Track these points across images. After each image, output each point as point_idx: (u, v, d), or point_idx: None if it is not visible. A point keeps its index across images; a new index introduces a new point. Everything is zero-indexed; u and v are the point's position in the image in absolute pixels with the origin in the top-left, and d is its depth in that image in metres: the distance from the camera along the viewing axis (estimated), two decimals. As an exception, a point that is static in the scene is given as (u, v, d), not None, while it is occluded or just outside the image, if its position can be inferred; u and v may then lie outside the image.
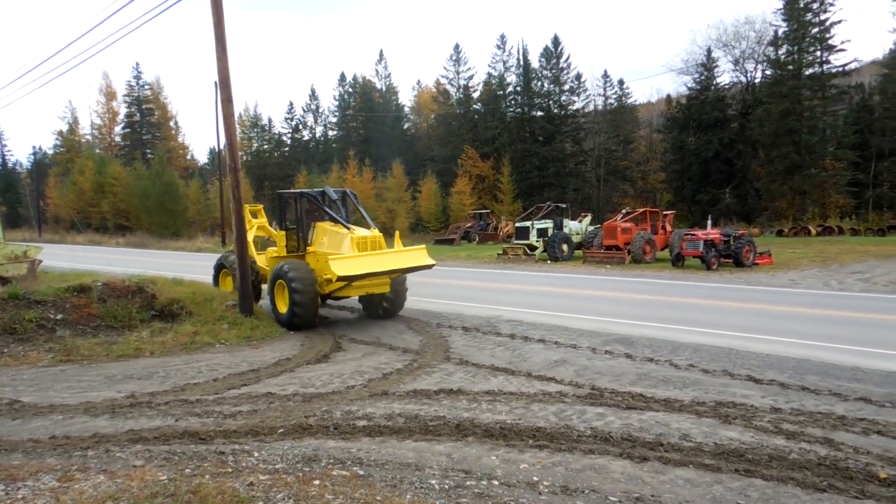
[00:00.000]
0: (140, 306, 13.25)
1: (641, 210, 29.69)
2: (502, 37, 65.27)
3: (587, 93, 62.03)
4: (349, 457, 5.94)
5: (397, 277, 13.91)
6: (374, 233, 13.43)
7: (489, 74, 65.27)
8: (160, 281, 14.67)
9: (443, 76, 70.21)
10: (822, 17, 44.80)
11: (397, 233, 15.15)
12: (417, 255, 13.59)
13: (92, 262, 27.93)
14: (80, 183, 69.82)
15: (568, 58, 58.47)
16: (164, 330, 12.34)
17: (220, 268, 16.71)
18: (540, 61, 58.96)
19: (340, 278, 12.19)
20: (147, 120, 79.36)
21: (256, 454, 6.02)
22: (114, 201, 67.21)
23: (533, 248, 30.15)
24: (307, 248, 14.02)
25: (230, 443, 6.37)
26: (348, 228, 13.38)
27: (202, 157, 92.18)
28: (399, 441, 6.38)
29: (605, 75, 64.94)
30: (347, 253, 12.71)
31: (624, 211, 30.61)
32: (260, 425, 6.88)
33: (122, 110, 79.74)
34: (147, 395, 8.39)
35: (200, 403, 7.89)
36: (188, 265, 27.30)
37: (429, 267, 13.66)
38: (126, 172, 68.26)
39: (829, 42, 45.21)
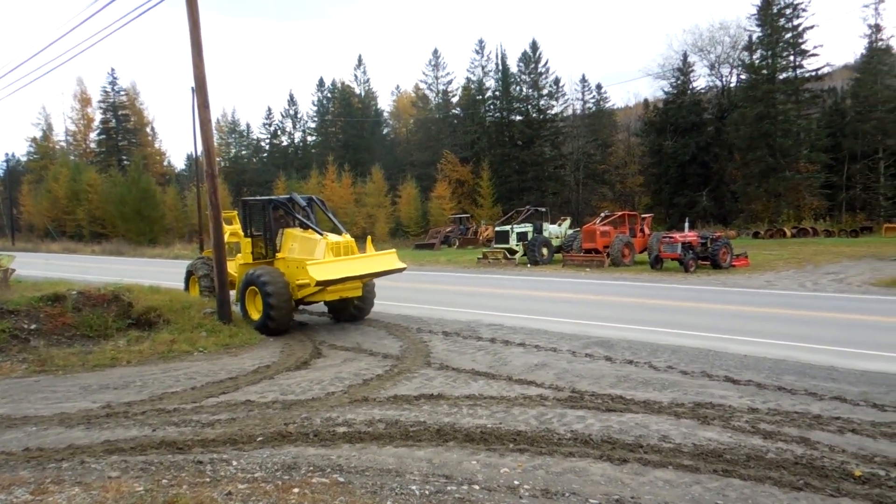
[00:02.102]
0: (116, 315, 13.08)
1: (620, 213, 29.91)
2: (481, 42, 65.60)
3: (565, 97, 62.64)
4: (329, 464, 5.90)
5: (368, 281, 14.03)
6: (346, 238, 13.57)
7: (468, 79, 65.55)
8: (137, 289, 14.50)
9: (422, 81, 70.49)
10: (795, 22, 45.54)
11: (369, 237, 15.22)
12: (389, 258, 13.83)
13: (67, 271, 27.55)
14: (55, 190, 68.95)
15: (546, 62, 58.92)
16: (141, 339, 12.19)
17: (189, 274, 16.95)
18: (518, 66, 59.31)
19: (319, 283, 12.25)
20: (123, 126, 78.57)
21: (235, 463, 5.95)
22: (89, 208, 66.41)
23: (513, 252, 30.24)
24: (276, 254, 14.08)
25: (208, 452, 6.30)
26: (321, 234, 13.42)
27: (179, 163, 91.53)
28: (379, 447, 6.35)
29: (583, 80, 65.59)
30: (322, 258, 12.79)
31: (603, 214, 30.80)
32: (239, 434, 6.81)
33: (98, 116, 79.00)
34: (123, 404, 8.27)
35: (178, 412, 7.80)
36: (165, 272, 27.00)
37: (400, 270, 13.92)
38: (101, 179, 67.53)
39: (802, 47, 45.97)
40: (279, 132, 78.83)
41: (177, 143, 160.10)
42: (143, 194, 62.85)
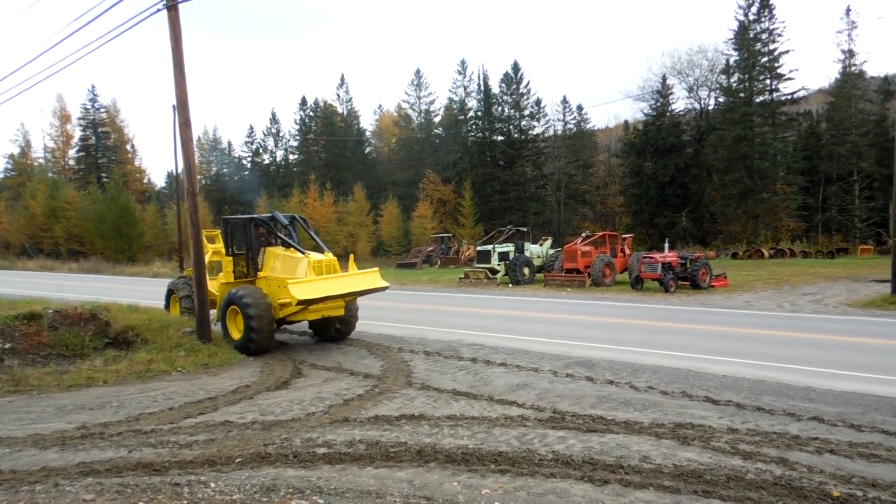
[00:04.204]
0: (93, 334, 12.89)
1: (601, 233, 30.13)
2: (463, 62, 66.35)
3: (547, 118, 63.22)
4: (309, 485, 5.83)
5: (350, 300, 13.93)
6: (329, 256, 13.48)
7: (450, 99, 66.26)
8: (114, 308, 14.32)
9: (404, 101, 71.03)
10: (771, 46, 46.57)
11: (351, 256, 15.15)
12: (372, 277, 13.72)
13: (43, 289, 27.16)
14: (32, 207, 68.10)
15: (528, 83, 59.47)
16: (119, 358, 12.01)
17: (170, 293, 16.65)
18: (500, 87, 59.84)
19: (300, 302, 12.15)
20: (103, 143, 78.05)
21: (213, 485, 5.87)
22: (67, 226, 65.62)
23: (494, 271, 30.29)
24: (258, 273, 13.92)
25: (186, 473, 6.21)
26: (302, 252, 13.33)
27: (160, 180, 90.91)
28: (360, 468, 6.30)
29: (564, 101, 66.28)
30: (303, 277, 12.68)
31: (584, 234, 31.01)
32: (217, 455, 6.72)
33: (77, 133, 78.49)
34: (99, 425, 8.14)
35: (155, 433, 7.68)
36: (144, 291, 26.73)
37: (383, 289, 13.81)
38: (80, 196, 66.88)
39: (778, 71, 46.98)
40: (261, 150, 78.74)
41: (157, 160, 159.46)
42: (123, 212, 62.24)
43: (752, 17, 46.77)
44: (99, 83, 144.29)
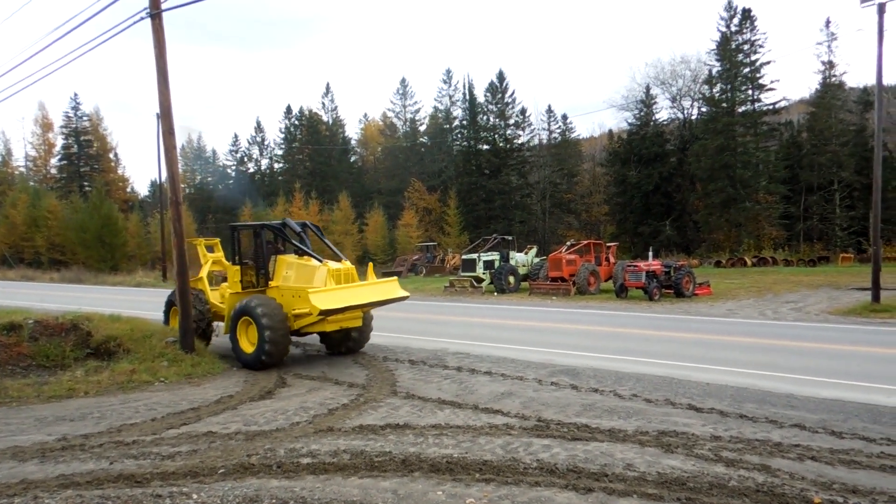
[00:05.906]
0: (74, 344, 12.74)
1: (586, 242, 30.25)
2: (448, 71, 66.59)
3: (532, 127, 63.67)
4: (292, 496, 5.80)
5: (368, 311, 13.50)
6: (347, 265, 12.96)
7: (435, 108, 66.47)
8: (96, 317, 14.16)
9: (389, 109, 71.28)
10: (753, 57, 47.21)
11: (370, 264, 14.74)
12: (391, 286, 13.29)
13: (24, 299, 26.84)
14: (13, 216, 67.32)
15: (513, 93, 59.89)
16: (100, 369, 11.87)
17: (170, 304, 15.60)
18: (485, 96, 60.11)
19: (322, 312, 11.60)
20: (85, 152, 77.43)
21: (195, 496, 5.82)
22: (48, 235, 64.92)
23: (479, 280, 30.32)
24: (268, 282, 13.26)
25: (168, 485, 6.15)
26: (320, 261, 12.81)
27: (143, 189, 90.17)
28: (344, 478, 6.27)
29: (549, 110, 66.77)
30: (321, 286, 12.15)
31: (569, 243, 31.13)
32: (200, 466, 6.66)
33: (59, 142, 77.86)
34: (80, 437, 8.04)
35: (137, 445, 7.60)
36: (127, 300, 26.49)
37: (403, 298, 13.31)
38: (62, 205, 66.24)
39: (760, 81, 47.67)
40: (246, 159, 78.53)
41: (141, 169, 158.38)
42: (105, 221, 61.62)
43: (734, 29, 47.42)
44: (81, 91, 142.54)
